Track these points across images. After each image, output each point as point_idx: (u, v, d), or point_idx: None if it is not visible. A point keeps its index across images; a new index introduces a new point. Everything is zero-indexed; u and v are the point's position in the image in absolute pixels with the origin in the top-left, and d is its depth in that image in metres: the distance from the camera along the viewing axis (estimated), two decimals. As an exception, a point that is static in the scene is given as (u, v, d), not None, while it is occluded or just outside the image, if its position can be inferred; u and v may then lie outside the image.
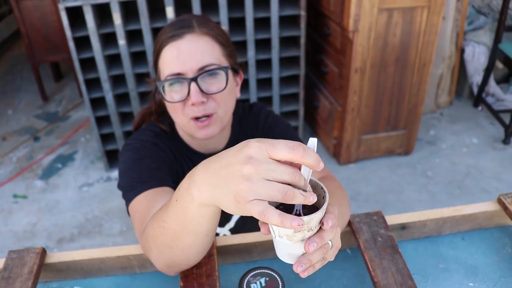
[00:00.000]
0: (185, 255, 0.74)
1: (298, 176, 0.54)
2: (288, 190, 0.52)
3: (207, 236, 0.70)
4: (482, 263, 0.90)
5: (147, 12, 2.20)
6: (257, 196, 0.52)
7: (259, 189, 0.52)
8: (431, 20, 2.24)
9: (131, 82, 2.38)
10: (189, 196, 0.60)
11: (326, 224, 0.57)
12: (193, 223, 0.64)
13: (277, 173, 0.52)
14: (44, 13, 3.06)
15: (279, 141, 0.53)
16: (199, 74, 0.93)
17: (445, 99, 3.19)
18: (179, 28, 0.95)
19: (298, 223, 0.52)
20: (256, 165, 0.52)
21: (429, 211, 0.94)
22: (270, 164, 0.52)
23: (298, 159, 0.52)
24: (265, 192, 0.52)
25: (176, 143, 1.08)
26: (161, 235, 0.71)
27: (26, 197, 2.56)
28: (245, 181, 0.52)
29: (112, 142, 2.62)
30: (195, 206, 0.60)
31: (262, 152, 0.53)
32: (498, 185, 2.48)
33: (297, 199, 0.53)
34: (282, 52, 2.47)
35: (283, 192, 0.52)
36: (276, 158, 0.53)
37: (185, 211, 0.62)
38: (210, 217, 0.63)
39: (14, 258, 0.86)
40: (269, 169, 0.52)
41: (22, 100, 3.59)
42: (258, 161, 0.52)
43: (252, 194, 0.52)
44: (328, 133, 2.73)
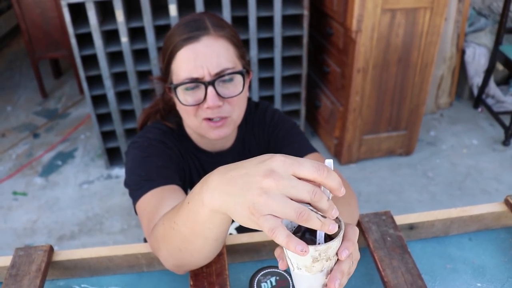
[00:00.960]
0: (194, 258, 0.74)
1: (319, 195, 0.52)
2: (304, 210, 0.51)
3: (216, 241, 0.70)
4: (489, 264, 0.90)
5: (150, 10, 2.19)
6: (272, 211, 0.51)
7: (275, 204, 0.51)
8: (433, 21, 2.24)
9: (133, 80, 2.38)
10: (200, 200, 0.59)
11: (341, 255, 0.56)
12: (203, 228, 0.64)
13: (297, 190, 0.51)
14: (45, 9, 3.05)
15: (305, 159, 0.52)
16: (216, 78, 0.93)
17: (446, 100, 3.20)
18: (195, 29, 0.94)
19: (302, 248, 0.50)
20: (277, 180, 0.51)
21: (437, 211, 0.95)
22: (291, 180, 0.51)
23: (322, 181, 0.52)
24: (281, 209, 0.51)
25: (183, 141, 1.08)
26: (171, 236, 0.71)
27: (26, 194, 2.55)
28: (264, 194, 0.51)
29: (113, 140, 2.61)
30: (205, 211, 0.59)
31: (286, 168, 0.52)
32: (498, 186, 2.49)
33: (312, 222, 0.51)
34: (285, 52, 2.47)
35: (298, 212, 0.50)
36: (299, 176, 0.52)
37: (195, 215, 0.62)
38: (220, 223, 0.63)
39: (21, 256, 0.86)
40: (290, 185, 0.51)
41: (22, 96, 3.57)
42: (280, 176, 0.51)
43: (268, 208, 0.51)
44: (329, 133, 2.73)
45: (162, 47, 1.01)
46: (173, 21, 2.23)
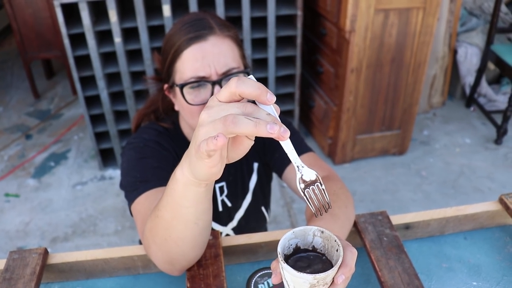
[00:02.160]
0: (179, 247, 0.73)
1: (250, 107, 0.52)
2: (229, 116, 0.50)
3: (196, 224, 0.70)
4: (484, 263, 0.91)
5: (144, 10, 2.18)
6: (207, 135, 0.52)
7: (208, 128, 0.52)
8: (426, 21, 2.26)
9: (127, 80, 2.36)
10: (174, 178, 0.64)
11: (337, 280, 0.56)
12: (180, 208, 0.66)
13: (225, 111, 0.52)
14: (37, 9, 3.03)
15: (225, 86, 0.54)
16: (223, 78, 0.93)
17: (438, 99, 3.22)
18: (201, 29, 0.93)
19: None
20: (207, 110, 0.54)
21: (433, 211, 0.95)
22: (220, 106, 0.53)
23: (234, 90, 0.52)
24: (212, 128, 0.52)
25: (178, 142, 1.07)
26: (156, 226, 0.72)
27: (18, 196, 2.53)
28: (199, 127, 0.54)
29: (106, 141, 2.60)
30: (179, 187, 0.63)
31: (213, 100, 0.55)
32: (491, 184, 2.51)
33: (242, 125, 0.49)
34: (278, 52, 2.47)
35: (224, 120, 0.50)
36: (222, 99, 0.54)
37: (172, 195, 0.65)
38: (194, 198, 0.64)
39: (15, 259, 0.85)
40: (219, 109, 0.53)
41: (13, 97, 3.54)
42: (210, 106, 0.54)
43: (204, 136, 0.53)
44: (323, 133, 2.73)
45: (163, 47, 1.00)
46: (167, 21, 2.23)
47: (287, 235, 0.59)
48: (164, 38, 1.00)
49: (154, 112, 1.12)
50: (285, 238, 0.59)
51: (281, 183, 2.55)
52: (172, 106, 1.08)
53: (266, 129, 0.49)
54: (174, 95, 1.01)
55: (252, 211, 1.17)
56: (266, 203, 1.23)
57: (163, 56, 1.00)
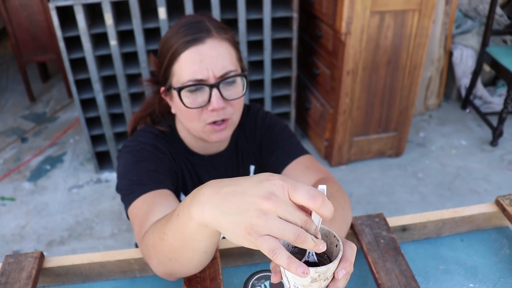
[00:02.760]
0: (184, 268, 0.74)
1: (309, 224, 0.54)
2: (301, 233, 0.52)
3: (205, 253, 0.70)
4: (481, 264, 0.91)
5: (139, 13, 2.18)
6: (271, 232, 0.52)
7: (274, 226, 0.52)
8: (422, 23, 2.26)
9: (122, 83, 2.36)
10: (188, 213, 0.59)
11: (338, 275, 0.57)
12: (192, 240, 0.64)
13: (292, 216, 0.53)
14: (32, 12, 3.02)
15: (302, 185, 0.53)
16: (220, 81, 0.93)
17: (434, 101, 3.23)
18: (198, 31, 0.93)
19: (304, 271, 0.51)
20: (276, 203, 0.52)
21: (429, 213, 0.95)
22: (288, 206, 0.53)
23: (316, 209, 0.53)
24: (279, 230, 0.52)
25: (175, 145, 1.07)
26: (161, 246, 0.70)
27: (14, 199, 2.52)
28: (262, 216, 0.52)
29: (102, 144, 2.59)
30: (193, 225, 0.59)
31: (284, 191, 0.53)
32: (487, 186, 2.52)
33: (307, 244, 0.53)
34: (274, 54, 2.48)
35: (296, 234, 0.52)
36: (295, 201, 0.53)
37: (184, 227, 0.62)
38: (209, 237, 0.63)
39: (11, 263, 0.84)
40: (287, 210, 0.52)
41: (9, 100, 3.53)
42: (279, 199, 0.52)
43: (266, 229, 0.52)
44: (319, 135, 2.74)
45: (160, 50, 1.00)
46: (162, 24, 2.22)
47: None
48: (161, 40, 1.00)
49: (150, 115, 1.11)
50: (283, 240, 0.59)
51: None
52: (168, 109, 1.08)
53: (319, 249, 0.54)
54: (171, 98, 1.00)
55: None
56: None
57: (160, 59, 1.00)
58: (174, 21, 1.02)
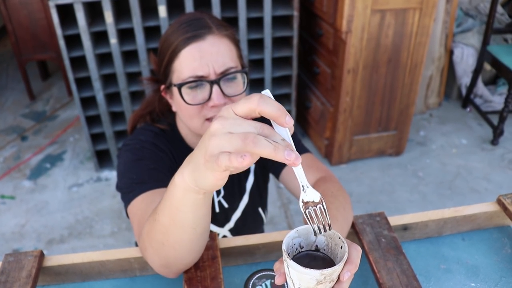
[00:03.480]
0: (177, 252, 0.73)
1: (267, 130, 0.50)
2: (249, 134, 0.49)
3: (194, 230, 0.69)
4: (482, 264, 0.90)
5: (139, 11, 2.17)
6: (222, 148, 0.50)
7: (223, 141, 0.50)
8: (422, 22, 2.26)
9: (122, 82, 2.35)
10: (173, 183, 0.62)
11: (343, 277, 0.56)
12: (178, 213, 0.65)
13: (242, 127, 0.50)
14: (32, 10, 3.01)
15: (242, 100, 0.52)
16: (221, 77, 0.92)
17: (434, 100, 3.22)
18: (199, 28, 0.93)
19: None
20: (221, 121, 0.51)
21: (431, 212, 0.95)
22: (236, 120, 0.51)
23: (255, 107, 0.50)
24: (228, 142, 0.50)
25: (175, 143, 1.07)
26: (153, 229, 0.71)
27: (14, 197, 2.52)
28: (212, 137, 0.51)
29: (102, 142, 2.59)
30: (178, 192, 0.61)
31: (228, 111, 0.52)
32: (488, 185, 2.52)
33: (261, 146, 0.48)
34: (275, 53, 2.47)
35: (243, 138, 0.49)
36: (239, 113, 0.52)
37: (170, 200, 0.64)
38: (193, 204, 0.63)
39: (11, 262, 0.84)
40: (235, 123, 0.51)
41: (9, 98, 3.52)
42: (224, 117, 0.52)
43: (217, 147, 0.51)
44: (319, 134, 2.73)
45: (160, 47, 0.99)
46: (163, 22, 2.22)
47: (291, 233, 0.59)
48: (161, 38, 0.99)
49: (150, 114, 1.11)
50: (289, 236, 0.58)
51: (277, 184, 2.55)
52: (168, 107, 1.07)
53: (284, 155, 0.48)
54: (171, 96, 1.00)
55: (249, 212, 1.16)
56: (263, 204, 1.22)
57: (160, 57, 0.99)
58: (174, 19, 1.02)
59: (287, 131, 0.53)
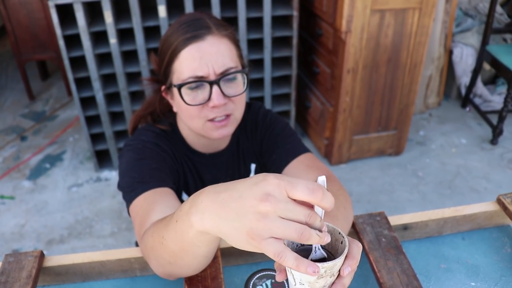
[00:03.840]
0: (184, 270, 0.74)
1: (313, 218, 0.53)
2: (305, 230, 0.51)
3: (206, 257, 0.70)
4: (482, 263, 0.91)
5: (139, 11, 2.17)
6: (273, 234, 0.51)
7: (275, 227, 0.50)
8: (422, 22, 2.26)
9: (122, 82, 2.35)
10: (188, 221, 0.58)
11: (343, 272, 0.56)
12: (192, 246, 0.63)
13: (293, 214, 0.51)
14: (31, 10, 3.01)
15: (299, 181, 0.52)
16: (221, 78, 0.92)
17: (434, 100, 3.23)
18: (198, 28, 0.93)
19: (314, 269, 0.51)
20: (274, 204, 0.50)
21: (431, 211, 0.95)
22: (287, 204, 0.51)
23: (317, 203, 0.52)
24: (281, 231, 0.50)
25: (176, 143, 1.07)
26: (160, 250, 0.70)
27: (14, 197, 2.52)
28: (262, 218, 0.50)
29: (102, 142, 2.59)
30: (193, 232, 0.59)
31: (280, 190, 0.51)
32: (487, 185, 2.52)
33: (313, 240, 0.52)
34: (274, 52, 2.47)
35: (299, 232, 0.51)
36: (294, 198, 0.52)
37: (183, 234, 0.61)
38: (209, 242, 0.63)
39: (11, 262, 0.84)
40: (287, 208, 0.51)
41: (8, 98, 3.52)
42: (276, 199, 0.51)
43: (268, 232, 0.51)
44: (319, 134, 2.73)
45: (160, 48, 0.99)
46: (162, 22, 2.22)
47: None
48: (161, 39, 0.99)
49: (151, 114, 1.11)
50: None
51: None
52: (169, 108, 1.07)
53: (324, 242, 0.53)
54: (172, 96, 1.00)
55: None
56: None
57: (160, 57, 0.99)
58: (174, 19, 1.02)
59: (322, 212, 0.55)
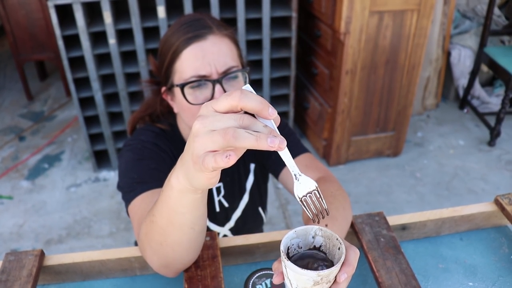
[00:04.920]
0: (175, 252, 0.73)
1: (247, 120, 0.50)
2: (229, 129, 0.48)
3: (192, 229, 0.70)
4: (480, 263, 0.91)
5: (138, 11, 2.18)
6: (206, 148, 0.50)
7: (205, 140, 0.50)
8: (420, 23, 2.27)
9: (121, 82, 2.36)
10: (168, 185, 0.62)
11: (339, 278, 0.56)
12: (176, 214, 0.65)
13: (222, 122, 0.50)
14: (30, 10, 3.01)
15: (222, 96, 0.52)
16: (223, 76, 0.93)
17: (432, 101, 3.24)
18: (200, 28, 0.93)
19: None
20: (202, 120, 0.51)
21: (429, 211, 0.96)
22: (215, 116, 0.51)
23: (237, 103, 0.50)
24: (210, 141, 0.50)
25: (176, 143, 1.07)
26: (151, 230, 0.71)
27: (12, 197, 2.51)
28: (195, 138, 0.51)
29: (100, 142, 2.59)
30: (174, 194, 0.61)
31: (208, 108, 0.52)
32: (485, 186, 2.53)
33: (242, 139, 0.48)
34: (273, 53, 2.48)
35: (224, 134, 0.48)
36: (219, 109, 0.51)
37: (167, 201, 0.64)
38: (190, 205, 0.63)
39: (12, 261, 0.84)
40: (215, 120, 0.50)
41: (6, 99, 3.52)
42: (204, 116, 0.51)
43: (202, 148, 0.51)
44: (317, 135, 2.74)
45: (160, 49, 0.99)
46: (162, 23, 2.22)
47: (289, 234, 0.59)
48: (161, 40, 1.00)
49: (150, 115, 1.11)
50: (287, 237, 0.59)
51: (276, 184, 2.55)
52: (169, 109, 1.08)
53: (267, 143, 0.48)
54: (173, 97, 1.00)
55: (249, 211, 1.17)
56: (263, 204, 1.23)
57: (161, 58, 0.99)
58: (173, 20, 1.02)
59: (272, 123, 0.52)
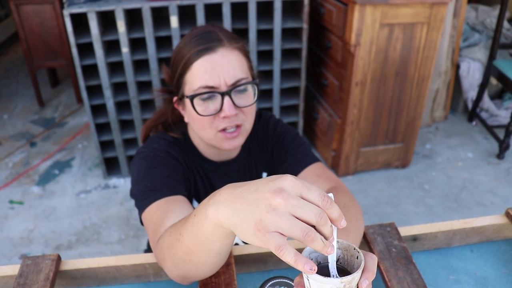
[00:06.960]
0: (198, 270, 0.75)
1: (324, 219, 0.53)
2: (310, 231, 0.52)
3: (219, 254, 0.71)
4: (491, 276, 0.92)
5: (151, 21, 2.21)
6: (279, 229, 0.52)
7: (282, 222, 0.51)
8: (430, 36, 2.28)
9: (133, 90, 2.39)
10: (204, 213, 0.61)
11: (361, 285, 0.57)
12: (206, 240, 0.65)
13: (304, 211, 0.52)
14: (44, 18, 3.06)
15: (314, 186, 0.54)
16: (232, 89, 0.95)
17: (441, 113, 3.24)
18: (210, 41, 0.96)
19: (311, 267, 0.51)
20: (286, 198, 0.52)
21: (440, 223, 0.96)
22: (299, 201, 0.52)
23: (325, 210, 0.53)
24: (288, 226, 0.51)
25: (188, 151, 1.09)
26: (176, 247, 0.72)
27: (22, 203, 2.54)
28: (272, 211, 0.52)
29: (111, 150, 2.61)
30: (208, 224, 0.61)
31: (295, 188, 0.53)
32: (494, 199, 2.52)
33: (317, 243, 0.52)
34: (283, 64, 2.50)
35: (304, 232, 0.51)
36: (306, 199, 0.54)
37: (199, 227, 0.63)
38: (223, 237, 0.64)
39: (29, 265, 0.86)
40: (298, 205, 0.52)
41: (18, 105, 3.57)
42: (289, 194, 0.52)
43: (274, 225, 0.52)
44: (326, 145, 2.75)
45: (172, 60, 1.02)
46: (174, 32, 2.25)
47: (307, 249, 0.60)
48: (174, 51, 1.02)
49: (162, 124, 1.13)
50: (305, 251, 0.60)
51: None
52: (181, 118, 1.10)
53: (327, 252, 0.53)
54: (184, 107, 1.02)
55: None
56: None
57: (173, 69, 1.02)
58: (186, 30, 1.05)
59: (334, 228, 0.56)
